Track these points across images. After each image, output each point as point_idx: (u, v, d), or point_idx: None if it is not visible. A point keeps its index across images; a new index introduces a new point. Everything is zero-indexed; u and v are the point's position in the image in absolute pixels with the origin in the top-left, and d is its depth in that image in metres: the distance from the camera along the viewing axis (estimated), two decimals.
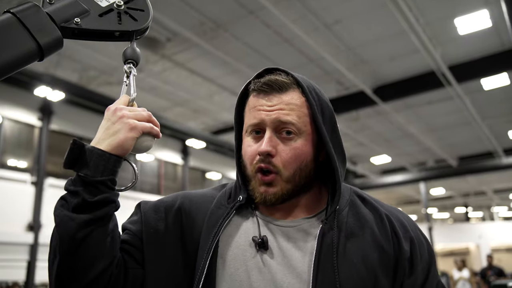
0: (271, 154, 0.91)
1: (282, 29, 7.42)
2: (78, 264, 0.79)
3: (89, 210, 0.80)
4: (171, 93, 10.14)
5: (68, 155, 0.82)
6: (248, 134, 0.96)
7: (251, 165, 0.94)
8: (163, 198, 1.03)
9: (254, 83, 0.98)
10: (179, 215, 0.98)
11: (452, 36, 7.89)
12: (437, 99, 10.52)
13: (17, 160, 9.79)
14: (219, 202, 1.01)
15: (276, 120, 0.92)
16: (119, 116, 0.86)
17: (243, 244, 0.93)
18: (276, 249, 0.91)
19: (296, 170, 0.92)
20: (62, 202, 0.83)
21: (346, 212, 0.95)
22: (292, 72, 0.98)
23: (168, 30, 7.53)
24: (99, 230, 0.81)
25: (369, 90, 9.61)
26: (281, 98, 0.94)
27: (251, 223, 0.96)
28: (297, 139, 0.93)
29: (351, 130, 12.41)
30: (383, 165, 16.98)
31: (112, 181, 0.83)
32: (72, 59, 8.59)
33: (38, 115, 9.82)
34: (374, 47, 8.29)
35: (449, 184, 19.04)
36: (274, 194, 0.92)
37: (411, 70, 9.21)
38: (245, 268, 0.90)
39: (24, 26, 0.78)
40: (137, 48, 0.96)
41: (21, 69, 0.79)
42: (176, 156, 13.47)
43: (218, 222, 0.95)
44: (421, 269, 0.92)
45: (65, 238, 0.78)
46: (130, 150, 0.86)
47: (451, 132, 13.11)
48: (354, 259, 0.88)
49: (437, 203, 24.20)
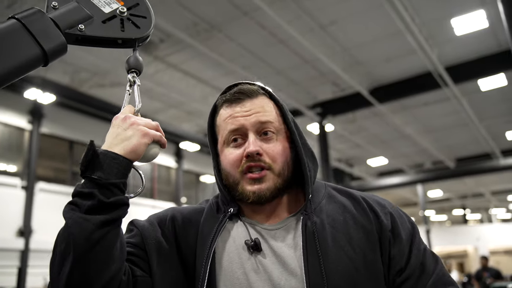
0: (259, 153, 0.96)
1: (277, 30, 7.44)
2: (91, 268, 0.79)
3: (104, 211, 0.81)
4: (164, 95, 10.12)
5: (85, 155, 0.83)
6: (228, 144, 1.01)
7: (237, 168, 0.98)
8: (153, 214, 1.07)
9: (223, 96, 1.04)
10: (172, 227, 1.02)
11: (448, 36, 7.95)
12: (434, 100, 10.58)
13: (6, 164, 9.73)
14: (209, 213, 1.05)
15: (256, 122, 0.98)
16: (130, 123, 0.89)
17: (237, 248, 0.98)
18: (268, 250, 0.96)
19: (284, 164, 0.99)
20: (71, 206, 0.82)
21: (324, 203, 1.02)
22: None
23: (161, 31, 7.52)
24: (113, 233, 0.82)
25: (365, 91, 9.64)
26: (253, 103, 1.01)
27: (241, 228, 1.01)
28: (276, 138, 1.00)
29: (347, 131, 12.45)
30: (379, 167, 17.04)
31: (124, 185, 0.85)
32: (63, 61, 8.55)
33: (28, 118, 9.77)
34: (370, 48, 8.33)
35: (446, 186, 19.13)
36: (267, 189, 0.96)
37: (407, 71, 9.26)
38: (242, 270, 0.94)
39: (29, 31, 0.79)
40: (139, 56, 0.97)
41: (26, 74, 0.81)
42: (170, 159, 13.44)
43: (212, 230, 0.99)
44: (405, 239, 0.97)
45: (80, 239, 0.77)
46: (142, 155, 0.89)
47: (448, 134, 13.18)
48: (341, 242, 0.94)
49: (435, 205, 24.30)
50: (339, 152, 14.80)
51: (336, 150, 14.28)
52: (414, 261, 0.95)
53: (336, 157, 15.15)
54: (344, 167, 16.08)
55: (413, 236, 0.99)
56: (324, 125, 10.99)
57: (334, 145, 13.37)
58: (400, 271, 0.93)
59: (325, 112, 10.72)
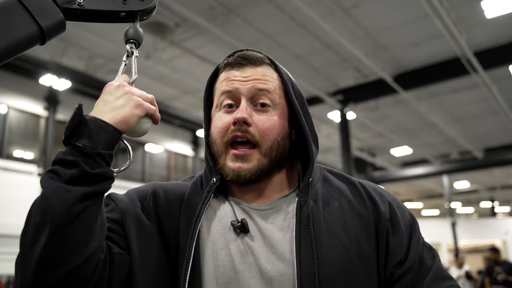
0: (247, 122, 0.92)
1: (296, 13, 7.38)
2: (69, 243, 0.73)
3: (88, 183, 0.76)
4: (180, 81, 10.18)
5: (71, 120, 0.78)
6: (219, 109, 0.98)
7: (223, 137, 0.95)
8: (133, 189, 1.03)
9: (226, 59, 1.02)
10: (154, 202, 0.98)
11: (478, 19, 7.76)
12: (462, 87, 10.38)
13: (23, 151, 9.98)
14: (193, 189, 1.01)
15: (252, 88, 0.95)
16: (124, 92, 0.85)
17: (222, 228, 0.94)
18: (256, 231, 0.93)
19: (274, 143, 0.94)
20: (50, 174, 0.77)
21: (319, 186, 0.98)
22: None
23: (177, 15, 7.54)
24: (94, 208, 0.77)
25: (389, 78, 9.52)
26: (255, 70, 0.98)
27: (227, 207, 0.97)
28: (272, 111, 0.96)
29: (370, 120, 12.34)
30: (403, 157, 16.86)
31: (110, 157, 0.81)
32: (78, 47, 8.68)
33: (44, 105, 9.97)
34: (394, 32, 8.20)
35: (474, 177, 18.83)
36: (249, 169, 0.93)
37: (434, 56, 9.09)
38: (227, 252, 0.91)
39: (25, 8, 0.77)
40: (140, 28, 0.95)
41: (22, 53, 0.79)
42: (186, 147, 13.56)
43: (197, 208, 0.94)
44: (405, 230, 0.95)
45: (59, 211, 0.72)
46: (132, 128, 0.84)
47: (477, 122, 12.95)
48: (336, 229, 0.91)
49: (461, 197, 23.95)
50: (361, 141, 14.69)
51: (358, 139, 14.18)
52: (413, 254, 0.93)
53: (358, 146, 15.05)
54: (366, 157, 15.97)
55: (412, 228, 0.97)
56: (346, 113, 10.91)
57: (356, 133, 13.27)
58: (399, 263, 0.91)
59: (346, 100, 10.63)
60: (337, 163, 13.32)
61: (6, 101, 9.49)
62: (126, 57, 0.95)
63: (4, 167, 9.05)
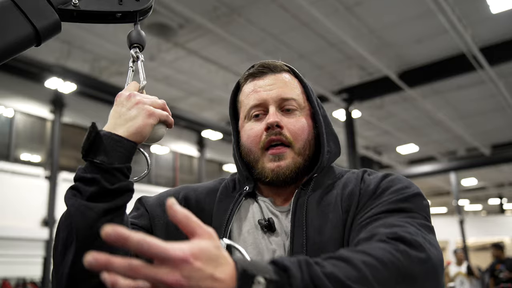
0: (279, 125, 0.95)
1: (300, 12, 7.37)
2: None
3: (108, 198, 0.79)
4: (185, 82, 10.21)
5: (87, 138, 0.80)
6: (248, 119, 1.01)
7: (258, 144, 0.97)
8: (164, 192, 1.05)
9: (247, 72, 1.05)
10: (186, 205, 1.00)
11: (483, 15, 7.71)
12: (468, 83, 10.32)
13: (30, 154, 10.04)
14: (225, 192, 1.04)
15: (278, 97, 0.98)
16: (135, 102, 0.85)
17: (252, 227, 0.97)
18: (281, 230, 0.95)
19: (306, 143, 0.98)
20: (73, 192, 0.80)
21: (323, 176, 1.01)
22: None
23: (180, 16, 7.56)
24: (117, 220, 0.80)
25: (394, 75, 9.49)
26: (277, 78, 1.01)
27: (256, 208, 1.00)
28: (299, 114, 1.00)
29: (375, 118, 12.30)
30: (410, 155, 16.79)
31: (128, 169, 0.83)
32: (82, 49, 8.72)
33: (50, 108, 10.03)
34: (398, 29, 8.17)
35: (481, 174, 18.73)
36: (286, 167, 0.95)
37: (439, 53, 9.05)
38: (257, 250, 0.93)
39: (20, 9, 0.77)
40: (141, 30, 0.94)
41: (18, 54, 0.78)
42: (192, 148, 13.59)
43: (228, 209, 0.98)
44: (389, 194, 0.90)
45: (83, 229, 0.76)
46: (147, 137, 0.85)
47: (484, 119, 12.87)
48: (330, 214, 0.91)
49: (469, 195, 23.83)
50: (366, 139, 14.65)
51: (364, 137, 14.14)
52: (383, 204, 0.87)
53: (364, 144, 15.01)
54: (372, 155, 15.92)
55: (406, 199, 0.88)
56: (351, 111, 10.88)
57: (362, 132, 13.24)
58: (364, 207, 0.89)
59: (351, 98, 10.61)
60: (343, 162, 13.28)
61: (12, 104, 9.56)
62: (132, 62, 0.95)
63: (12, 170, 9.11)
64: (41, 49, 8.54)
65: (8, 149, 9.45)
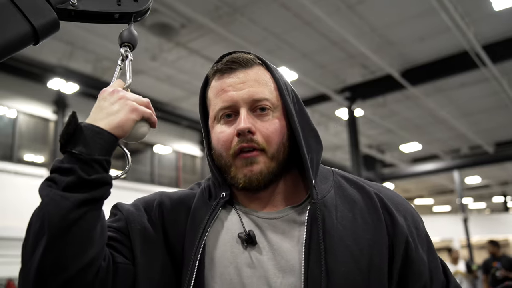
0: (251, 131, 0.89)
1: (302, 11, 7.37)
2: (67, 251, 0.73)
3: (84, 189, 0.76)
4: (187, 82, 10.21)
5: (66, 128, 0.78)
6: (218, 120, 0.95)
7: (228, 150, 0.92)
8: (140, 198, 1.01)
9: (215, 66, 0.99)
10: (160, 212, 0.96)
11: (486, 12, 7.69)
12: (471, 81, 10.29)
13: (33, 155, 10.08)
14: (201, 199, 0.99)
15: (249, 98, 0.91)
16: (119, 97, 0.84)
17: (230, 241, 0.91)
18: (265, 243, 0.90)
19: (280, 146, 0.92)
20: (48, 183, 0.77)
21: (332, 194, 0.94)
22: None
23: (182, 16, 7.57)
24: (92, 214, 0.77)
25: (396, 74, 9.47)
26: (247, 74, 0.94)
27: (235, 218, 0.95)
28: (272, 114, 0.93)
29: (378, 116, 12.29)
30: (413, 153, 16.76)
31: (108, 163, 0.80)
32: (85, 50, 8.74)
33: (53, 109, 10.07)
34: (401, 27, 8.16)
35: (485, 172, 18.68)
36: (259, 172, 0.90)
37: (441, 50, 9.03)
38: (235, 265, 0.88)
39: (17, 7, 0.76)
40: (134, 30, 0.94)
41: (15, 53, 0.77)
42: (195, 148, 13.60)
43: (203, 221, 0.93)
44: (422, 248, 0.92)
45: (55, 218, 0.72)
46: (128, 133, 0.84)
47: (487, 116, 12.83)
48: (347, 241, 0.87)
49: (473, 193, 23.77)
50: (369, 138, 14.64)
51: (366, 136, 14.12)
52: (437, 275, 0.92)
53: (367, 143, 14.99)
54: (375, 154, 15.90)
55: (429, 244, 0.95)
56: (353, 110, 10.87)
57: (364, 130, 13.22)
58: (426, 284, 0.90)
59: (354, 97, 10.60)
60: (346, 161, 13.27)
61: (15, 105, 9.60)
62: (121, 61, 0.94)
63: (15, 171, 9.15)
64: (43, 50, 8.57)
65: (11, 150, 9.48)
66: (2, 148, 9.60)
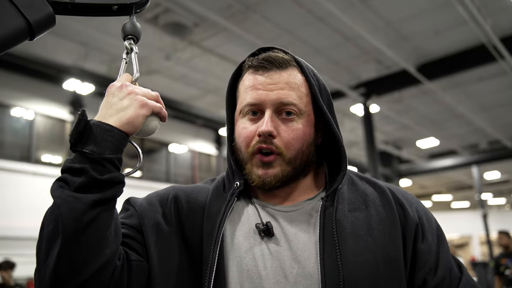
0: (272, 134, 0.90)
1: (315, 7, 7.34)
2: (82, 252, 0.72)
3: (97, 190, 0.75)
4: (201, 81, 10.26)
5: (75, 126, 0.77)
6: (244, 115, 0.95)
7: (248, 147, 0.93)
8: (153, 193, 1.01)
9: (250, 60, 0.97)
10: (175, 207, 0.96)
11: (503, 4, 7.55)
12: (488, 75, 10.13)
13: (51, 155, 10.23)
14: (215, 192, 0.99)
15: (277, 100, 0.91)
16: (127, 92, 0.83)
17: (247, 232, 0.92)
18: (281, 234, 0.91)
19: (298, 153, 0.92)
20: (60, 183, 0.76)
21: (345, 189, 0.97)
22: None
23: (195, 15, 7.60)
24: (106, 214, 0.76)
25: (412, 68, 9.37)
26: (281, 76, 0.94)
27: (251, 210, 0.95)
28: (297, 120, 0.93)
29: (394, 112, 12.18)
30: (430, 149, 16.58)
31: (119, 160, 0.79)
32: (99, 50, 8.84)
33: (69, 109, 10.21)
34: (416, 21, 8.06)
35: (505, 167, 18.36)
36: (274, 176, 0.91)
37: (458, 44, 8.90)
38: (252, 256, 0.89)
39: (11, 1, 0.74)
40: (137, 22, 0.92)
41: (9, 49, 0.76)
42: (210, 146, 13.66)
43: (220, 211, 0.93)
44: (432, 236, 0.94)
45: (69, 221, 0.72)
46: (139, 129, 0.82)
47: (506, 111, 12.62)
48: (361, 232, 0.89)
49: (492, 188, 23.40)
50: (385, 134, 14.52)
51: (382, 132, 14.01)
52: (444, 263, 0.93)
53: (383, 139, 14.87)
54: (391, 150, 15.77)
55: (439, 236, 0.96)
56: (369, 106, 10.79)
57: (380, 126, 13.12)
58: (431, 270, 0.91)
59: (369, 92, 10.51)
60: (362, 157, 13.19)
61: (32, 107, 9.76)
62: (126, 54, 0.93)
63: (33, 172, 9.30)
64: (58, 51, 8.69)
65: (29, 151, 9.64)
66: (20, 149, 9.78)
